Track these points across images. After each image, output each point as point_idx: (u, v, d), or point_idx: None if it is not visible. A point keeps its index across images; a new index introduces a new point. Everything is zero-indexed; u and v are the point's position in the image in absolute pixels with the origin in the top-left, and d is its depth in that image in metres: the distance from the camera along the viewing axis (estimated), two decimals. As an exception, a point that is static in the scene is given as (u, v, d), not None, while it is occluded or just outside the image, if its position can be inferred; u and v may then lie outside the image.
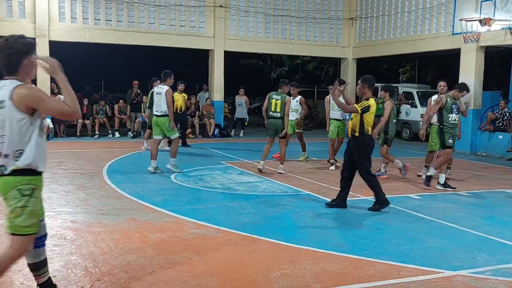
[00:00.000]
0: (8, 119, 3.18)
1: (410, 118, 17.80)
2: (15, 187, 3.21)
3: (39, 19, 15.16)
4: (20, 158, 3.20)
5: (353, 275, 4.45)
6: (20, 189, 3.21)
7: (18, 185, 3.21)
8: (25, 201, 3.22)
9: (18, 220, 3.21)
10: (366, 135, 6.93)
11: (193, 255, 4.85)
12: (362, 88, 7.01)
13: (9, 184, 3.21)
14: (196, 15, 17.38)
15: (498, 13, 13.12)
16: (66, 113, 3.30)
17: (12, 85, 3.20)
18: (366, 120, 6.89)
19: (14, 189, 3.21)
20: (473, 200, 7.99)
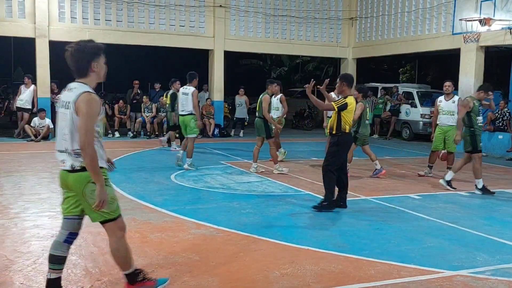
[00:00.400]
0: (70, 119, 3.45)
1: (410, 118, 17.79)
2: (90, 181, 3.48)
3: (39, 19, 15.16)
4: (80, 158, 3.46)
5: (353, 275, 4.44)
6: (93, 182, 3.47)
7: (90, 180, 3.48)
8: (109, 188, 3.57)
9: (107, 208, 3.51)
10: (343, 134, 6.82)
11: (193, 255, 4.85)
12: (341, 86, 6.91)
13: (83, 178, 3.49)
14: (196, 15, 17.37)
15: (498, 13, 13.13)
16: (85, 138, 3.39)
17: (80, 90, 3.45)
18: (343, 118, 6.77)
19: (89, 182, 3.48)
20: (473, 200, 7.99)
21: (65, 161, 3.54)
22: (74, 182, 3.53)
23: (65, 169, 3.56)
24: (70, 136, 3.46)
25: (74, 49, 3.51)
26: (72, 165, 3.50)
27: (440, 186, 8.77)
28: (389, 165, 11.39)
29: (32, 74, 15.78)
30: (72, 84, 3.55)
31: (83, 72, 3.54)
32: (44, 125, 14.74)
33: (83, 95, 3.42)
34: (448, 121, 9.50)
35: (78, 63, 3.52)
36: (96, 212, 3.53)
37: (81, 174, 3.50)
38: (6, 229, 5.58)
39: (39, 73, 15.48)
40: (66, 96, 3.53)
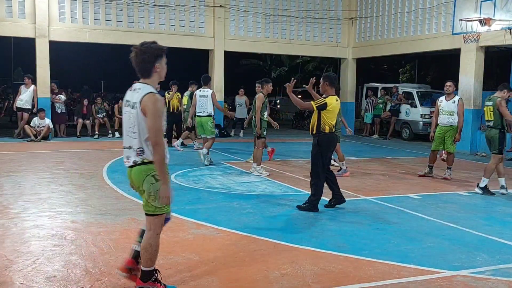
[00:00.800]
0: (137, 119, 3.62)
1: (410, 118, 17.80)
2: (149, 173, 3.66)
3: (39, 19, 15.16)
4: (143, 155, 3.65)
5: (353, 275, 4.45)
6: (154, 175, 3.65)
7: (152, 172, 3.66)
8: (159, 185, 3.65)
9: (155, 203, 3.69)
10: (323, 134, 6.76)
11: (193, 255, 4.85)
12: (324, 86, 6.86)
13: (144, 171, 3.67)
14: (196, 15, 17.38)
15: (498, 13, 13.13)
16: (155, 137, 3.56)
17: (145, 91, 3.63)
18: (323, 118, 6.72)
19: (149, 175, 3.66)
20: (473, 200, 7.99)
21: (129, 158, 3.74)
22: (135, 175, 3.72)
23: (129, 165, 3.75)
24: (137, 134, 3.65)
25: (139, 51, 3.66)
26: (134, 161, 3.69)
27: (440, 187, 8.78)
28: (389, 165, 11.40)
29: (32, 74, 15.78)
30: (137, 84, 3.74)
31: (147, 72, 3.72)
32: (44, 125, 14.74)
33: (148, 95, 3.58)
34: (448, 121, 9.49)
35: (143, 63, 3.69)
36: (148, 204, 3.73)
37: (141, 167, 3.68)
38: (6, 229, 5.58)
39: (39, 73, 15.48)
40: (131, 96, 3.72)
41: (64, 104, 16.44)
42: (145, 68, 3.70)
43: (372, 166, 11.19)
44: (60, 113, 16.13)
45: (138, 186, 3.75)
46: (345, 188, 8.43)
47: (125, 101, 3.79)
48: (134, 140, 3.66)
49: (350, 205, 7.24)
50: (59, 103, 16.06)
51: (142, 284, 3.83)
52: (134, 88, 3.74)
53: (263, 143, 9.70)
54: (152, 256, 3.81)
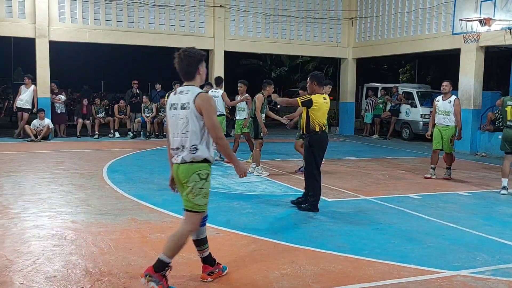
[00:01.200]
0: (190, 118, 3.84)
1: (410, 118, 17.80)
2: (195, 171, 3.88)
3: (39, 19, 15.15)
4: (197, 153, 3.86)
5: (353, 275, 4.45)
6: (199, 173, 3.89)
7: (198, 170, 3.88)
8: (202, 184, 3.89)
9: (196, 199, 3.91)
10: (314, 134, 6.77)
11: (193, 255, 4.84)
12: (311, 86, 6.85)
13: (191, 169, 3.88)
14: (196, 15, 17.37)
15: (498, 13, 13.12)
16: (216, 133, 3.85)
17: (196, 91, 3.88)
18: (312, 117, 6.72)
19: (194, 173, 3.88)
20: (473, 200, 7.99)
21: (179, 156, 3.94)
22: (182, 172, 3.91)
23: (176, 163, 3.96)
24: (191, 133, 3.85)
25: (184, 55, 3.90)
26: (183, 159, 3.89)
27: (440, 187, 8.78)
28: (389, 165, 11.40)
29: (32, 74, 15.78)
30: (183, 87, 3.96)
31: (191, 75, 3.95)
32: (44, 125, 14.73)
33: (200, 95, 3.84)
34: (444, 121, 9.45)
35: (188, 67, 3.92)
36: (190, 201, 3.93)
37: (190, 165, 3.88)
38: (6, 229, 5.58)
39: (39, 73, 15.47)
40: (178, 99, 3.92)
41: (64, 104, 16.43)
42: (190, 71, 3.93)
43: (372, 166, 11.19)
44: (60, 113, 16.13)
45: (183, 182, 3.93)
46: (345, 188, 8.45)
47: (171, 105, 3.98)
48: (186, 139, 3.87)
49: (350, 205, 7.24)
50: (59, 103, 16.06)
51: (151, 272, 3.88)
52: (179, 91, 3.95)
53: (260, 143, 9.67)
54: (175, 248, 3.96)
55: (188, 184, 3.90)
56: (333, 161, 11.93)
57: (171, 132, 4.00)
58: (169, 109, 4.01)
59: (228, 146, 3.96)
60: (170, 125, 4.02)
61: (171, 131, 4.00)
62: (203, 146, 3.87)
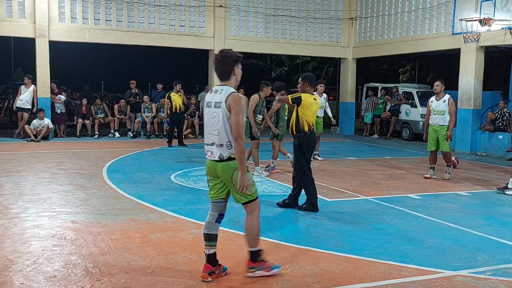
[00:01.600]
0: (222, 117, 4.04)
1: (410, 118, 17.80)
2: (236, 168, 4.07)
3: (39, 19, 15.15)
4: (232, 149, 4.05)
5: (353, 275, 4.44)
6: None
7: (236, 167, 4.07)
8: (250, 174, 4.17)
9: (248, 190, 4.12)
10: (303, 134, 6.76)
11: (193, 255, 4.85)
12: (303, 86, 6.90)
13: (231, 167, 4.09)
14: (196, 15, 17.37)
15: (498, 13, 13.12)
16: (238, 131, 4.00)
17: (229, 91, 4.08)
18: (301, 116, 6.73)
19: (236, 170, 4.07)
20: (473, 200, 7.99)
21: (213, 153, 4.15)
22: (223, 170, 4.12)
23: (213, 159, 4.16)
24: (222, 130, 4.06)
25: (222, 56, 4.12)
26: (220, 156, 4.09)
27: (440, 187, 8.77)
28: (389, 165, 11.40)
29: (32, 74, 15.79)
30: (218, 87, 4.18)
31: (227, 75, 4.17)
32: (44, 125, 14.74)
33: (232, 95, 4.04)
34: (439, 121, 9.38)
35: (225, 67, 4.14)
36: (241, 194, 4.14)
37: (229, 163, 4.10)
38: (6, 229, 5.58)
39: (39, 73, 15.47)
40: (213, 98, 4.15)
41: (64, 104, 16.43)
42: (226, 72, 4.15)
43: (372, 166, 11.19)
44: (60, 113, 16.13)
45: (226, 179, 4.16)
46: (345, 188, 8.45)
47: (206, 103, 4.21)
48: (217, 137, 4.08)
49: (350, 205, 7.24)
50: (59, 103, 16.06)
51: (252, 264, 4.27)
52: (214, 90, 4.18)
53: (257, 144, 9.56)
54: (255, 237, 4.25)
55: (233, 182, 4.11)
56: (333, 161, 11.94)
57: (205, 127, 4.24)
58: (205, 107, 4.25)
59: (244, 149, 4.06)
60: (204, 121, 4.25)
61: (206, 126, 4.22)
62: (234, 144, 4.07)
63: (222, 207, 4.38)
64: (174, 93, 13.92)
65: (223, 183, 4.25)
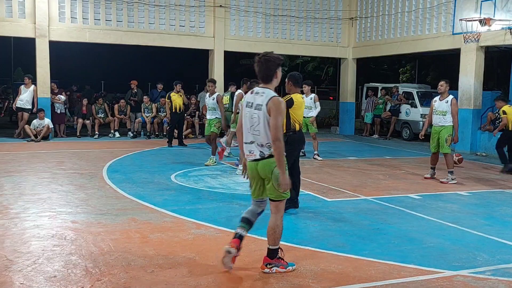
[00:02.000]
0: (262, 119, 4.21)
1: (410, 118, 17.80)
2: (276, 166, 4.21)
3: (39, 19, 15.15)
4: (272, 149, 4.20)
5: (353, 275, 4.44)
6: None
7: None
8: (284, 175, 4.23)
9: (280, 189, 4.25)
10: (293, 132, 6.71)
11: (193, 255, 4.85)
12: (288, 86, 6.90)
13: (271, 163, 4.25)
14: (196, 15, 17.37)
15: (498, 13, 13.12)
16: (276, 134, 4.14)
17: (270, 94, 4.23)
18: (292, 116, 6.69)
19: (275, 167, 4.22)
20: (473, 200, 7.99)
21: (253, 152, 4.33)
22: (263, 167, 4.28)
23: (253, 159, 4.33)
24: (262, 132, 4.23)
25: (265, 59, 4.29)
26: (261, 154, 4.26)
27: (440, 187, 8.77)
28: (389, 165, 11.40)
29: (32, 74, 15.78)
30: (259, 89, 4.33)
31: (269, 78, 4.31)
32: (44, 125, 14.74)
33: (273, 99, 4.18)
34: (440, 122, 9.23)
35: (267, 70, 4.29)
36: (276, 192, 4.26)
37: (269, 160, 4.25)
38: (6, 229, 5.58)
39: (39, 73, 15.47)
40: (254, 99, 4.31)
41: (64, 104, 16.42)
42: (268, 74, 4.30)
43: (372, 166, 11.19)
44: (60, 113, 16.13)
45: (265, 176, 4.29)
46: (345, 188, 8.45)
47: (246, 103, 4.38)
48: (258, 137, 4.25)
49: (350, 205, 7.24)
50: (59, 103, 16.06)
51: (269, 261, 4.38)
52: (256, 92, 4.32)
53: None
54: (278, 236, 4.38)
55: (273, 176, 4.23)
56: (333, 161, 11.94)
57: (244, 126, 4.39)
58: (245, 106, 4.40)
59: (283, 150, 4.14)
60: (243, 121, 4.40)
61: (245, 126, 4.38)
62: None
63: (263, 206, 4.58)
64: (174, 93, 13.93)
65: (263, 182, 4.39)
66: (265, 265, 4.39)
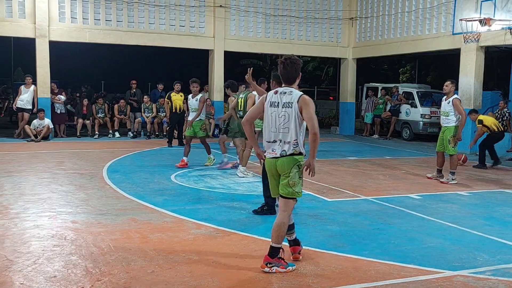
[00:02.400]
0: (292, 116, 4.39)
1: (410, 118, 17.80)
2: (296, 163, 4.43)
3: (39, 19, 15.15)
4: (298, 147, 4.41)
5: (353, 275, 4.44)
6: (299, 165, 4.44)
7: (298, 162, 4.44)
8: (300, 174, 4.46)
9: (295, 187, 4.44)
10: None
11: (193, 255, 4.85)
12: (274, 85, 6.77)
13: (292, 161, 4.41)
14: (196, 15, 17.37)
15: (498, 13, 13.12)
16: (314, 124, 4.34)
17: (299, 93, 4.44)
18: None
19: (296, 165, 4.42)
20: (473, 200, 7.99)
21: (275, 150, 4.47)
22: (282, 164, 4.42)
23: (273, 157, 4.47)
24: (292, 129, 4.39)
25: (290, 61, 4.47)
26: (283, 152, 4.41)
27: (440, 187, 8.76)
28: (389, 165, 11.40)
29: (32, 74, 15.78)
30: (284, 89, 4.51)
31: (293, 79, 4.52)
32: (44, 126, 14.73)
33: (302, 96, 4.41)
34: (443, 122, 9.28)
35: (292, 72, 4.49)
36: (290, 188, 4.42)
37: (290, 158, 4.41)
38: (6, 229, 5.58)
39: (39, 73, 15.47)
40: (279, 98, 4.47)
41: (64, 104, 16.42)
42: (292, 76, 4.50)
43: (372, 166, 11.19)
44: (60, 113, 16.12)
45: (283, 172, 4.43)
46: (345, 188, 8.45)
47: (271, 103, 4.51)
48: (286, 134, 4.40)
49: (350, 205, 7.24)
50: (59, 103, 16.06)
51: (269, 260, 4.43)
52: (281, 92, 4.49)
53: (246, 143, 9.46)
54: (283, 234, 4.47)
55: (289, 175, 4.40)
56: (333, 161, 11.93)
57: (267, 126, 4.53)
58: (269, 106, 4.52)
59: (318, 141, 4.37)
60: (268, 120, 4.53)
61: (269, 125, 4.52)
62: (301, 141, 4.43)
63: None
64: (175, 93, 13.92)
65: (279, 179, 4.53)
66: (265, 264, 4.42)
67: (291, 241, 4.78)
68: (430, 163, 11.17)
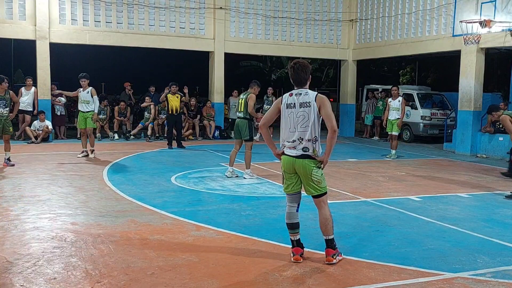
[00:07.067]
0: (311, 115, 4.63)
1: (410, 120, 17.79)
2: (316, 165, 4.68)
3: (40, 21, 15.17)
4: (316, 144, 4.66)
5: (353, 277, 4.44)
6: (319, 166, 4.71)
7: (317, 164, 4.69)
8: (321, 172, 4.76)
9: (322, 184, 4.74)
10: None
11: (193, 257, 4.85)
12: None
13: (312, 164, 4.66)
14: (196, 17, 17.38)
15: (498, 15, 13.12)
16: (332, 122, 4.60)
17: (314, 93, 4.72)
18: None
19: (315, 166, 4.67)
20: (473, 202, 7.98)
21: (295, 147, 4.67)
22: (303, 166, 4.66)
23: (292, 155, 4.67)
24: (311, 127, 4.62)
25: (301, 65, 4.73)
26: (305, 149, 4.64)
27: (441, 188, 8.75)
28: (389, 167, 11.39)
29: (32, 76, 15.78)
30: (299, 90, 4.74)
31: (304, 81, 4.77)
32: (44, 126, 14.73)
33: (319, 96, 4.68)
34: (395, 115, 12.86)
35: (302, 75, 4.73)
36: (318, 186, 4.69)
37: (310, 161, 4.64)
38: (6, 231, 5.58)
39: (40, 75, 15.48)
40: (295, 99, 4.70)
41: (64, 107, 16.41)
42: (304, 79, 4.75)
43: (372, 168, 11.18)
44: (60, 115, 16.12)
45: (305, 175, 4.67)
46: (345, 190, 8.44)
47: (287, 104, 4.73)
48: (306, 133, 4.62)
49: (350, 207, 7.23)
50: (59, 105, 16.06)
51: (333, 252, 4.74)
52: (296, 93, 4.72)
53: (251, 145, 9.45)
54: (331, 225, 4.76)
55: (313, 177, 4.65)
56: (333, 162, 11.92)
57: (285, 127, 4.74)
58: (285, 108, 4.74)
59: (336, 139, 4.62)
60: (286, 121, 4.74)
61: (287, 126, 4.73)
62: (319, 138, 4.67)
63: (298, 198, 4.89)
64: (171, 95, 13.91)
65: (298, 178, 4.75)
66: (331, 257, 4.70)
67: (294, 242, 4.85)
68: (431, 165, 11.16)
